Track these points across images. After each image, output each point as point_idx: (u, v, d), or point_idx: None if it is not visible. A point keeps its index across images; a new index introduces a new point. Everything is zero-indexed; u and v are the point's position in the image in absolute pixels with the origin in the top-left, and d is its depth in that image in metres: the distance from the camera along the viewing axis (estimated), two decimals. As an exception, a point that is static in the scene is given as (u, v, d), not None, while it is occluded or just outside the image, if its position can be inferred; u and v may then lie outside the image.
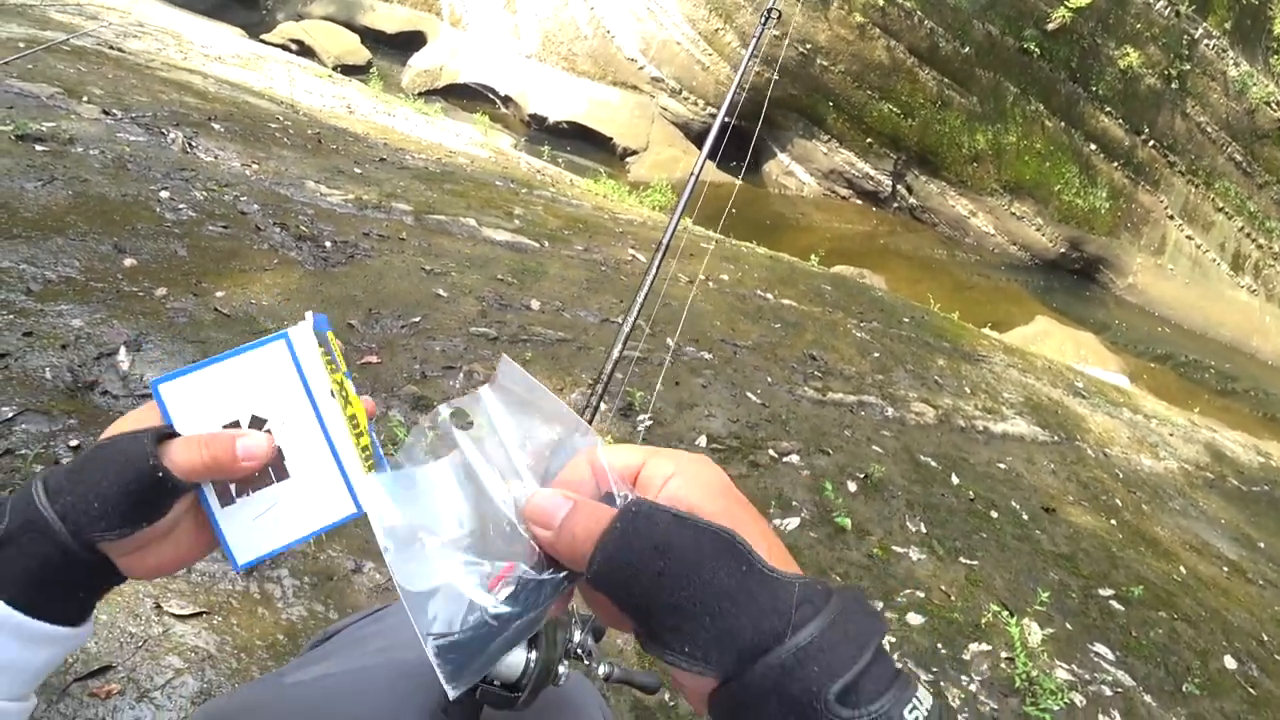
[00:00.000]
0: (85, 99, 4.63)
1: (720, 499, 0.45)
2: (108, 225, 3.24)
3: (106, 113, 4.52)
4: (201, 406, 0.51)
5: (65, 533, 0.48)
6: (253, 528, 0.53)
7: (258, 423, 0.51)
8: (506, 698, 0.66)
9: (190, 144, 4.50)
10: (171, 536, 0.53)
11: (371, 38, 15.31)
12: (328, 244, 3.85)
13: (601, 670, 0.82)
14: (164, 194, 3.71)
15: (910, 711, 0.40)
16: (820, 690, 0.39)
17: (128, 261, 3.04)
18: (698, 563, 0.41)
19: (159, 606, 1.73)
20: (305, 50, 13.69)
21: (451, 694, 0.45)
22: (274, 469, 0.53)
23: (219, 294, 3.07)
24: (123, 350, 2.54)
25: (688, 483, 0.46)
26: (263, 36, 13.41)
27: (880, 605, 2.76)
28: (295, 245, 3.73)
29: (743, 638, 0.40)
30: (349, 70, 13.03)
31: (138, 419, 0.54)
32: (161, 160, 4.10)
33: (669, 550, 0.41)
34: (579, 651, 0.75)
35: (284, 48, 12.71)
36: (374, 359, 3.02)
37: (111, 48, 6.41)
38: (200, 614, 1.76)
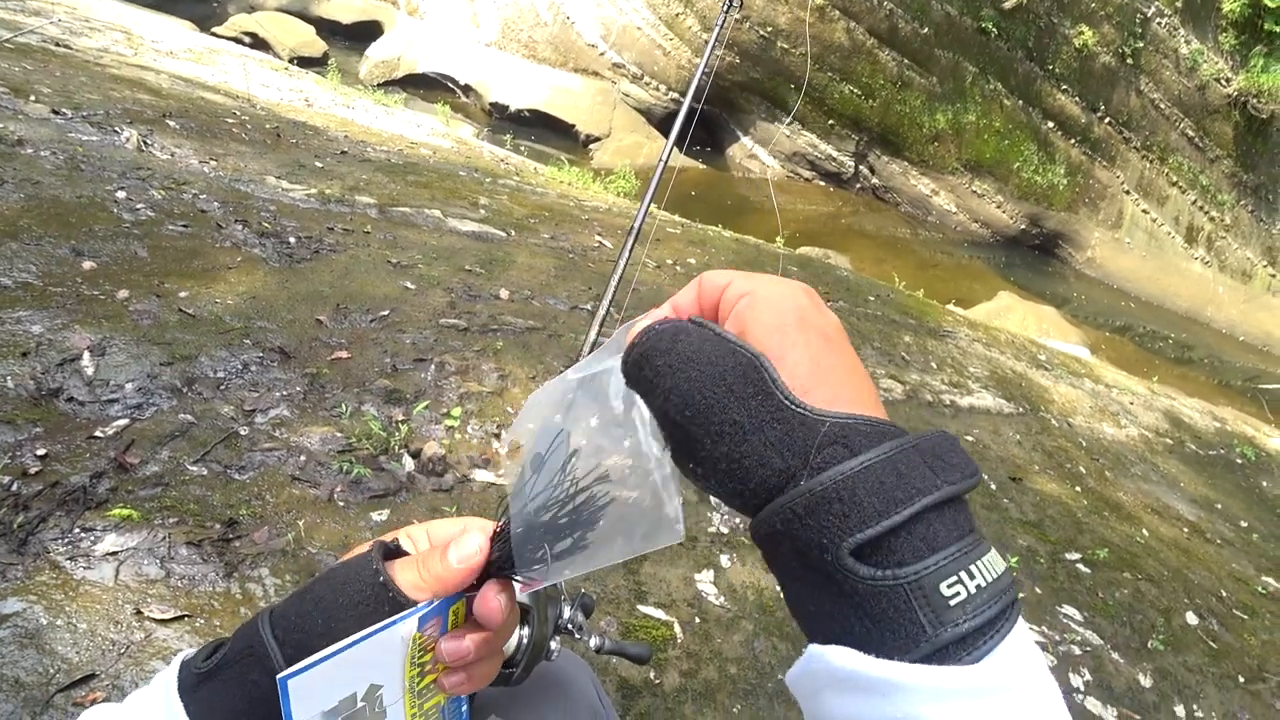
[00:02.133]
0: (33, 98, 4.50)
1: (776, 318, 0.41)
2: (63, 228, 3.16)
3: (56, 112, 4.40)
4: (321, 689, 0.46)
5: (281, 658, 0.44)
6: None
7: (374, 689, 0.48)
8: (501, 674, 0.68)
9: (145, 142, 4.40)
10: None
11: (327, 29, 15.03)
12: (291, 240, 3.80)
13: (593, 643, 0.84)
14: (120, 194, 3.63)
15: (950, 586, 0.34)
16: (832, 543, 0.35)
17: (86, 264, 2.98)
18: (709, 381, 0.39)
19: (139, 611, 1.72)
20: (259, 43, 13.40)
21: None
22: None
23: (183, 294, 3.02)
24: (86, 355, 2.49)
25: (756, 302, 0.42)
26: (214, 29, 13.10)
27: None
28: (258, 242, 3.67)
29: (751, 473, 0.38)
30: (305, 63, 12.79)
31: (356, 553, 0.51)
32: (116, 160, 4.01)
33: (686, 364, 0.40)
34: (569, 626, 0.77)
35: (237, 40, 12.43)
36: (344, 354, 2.99)
37: (58, 44, 6.22)
38: (182, 617, 1.75)
